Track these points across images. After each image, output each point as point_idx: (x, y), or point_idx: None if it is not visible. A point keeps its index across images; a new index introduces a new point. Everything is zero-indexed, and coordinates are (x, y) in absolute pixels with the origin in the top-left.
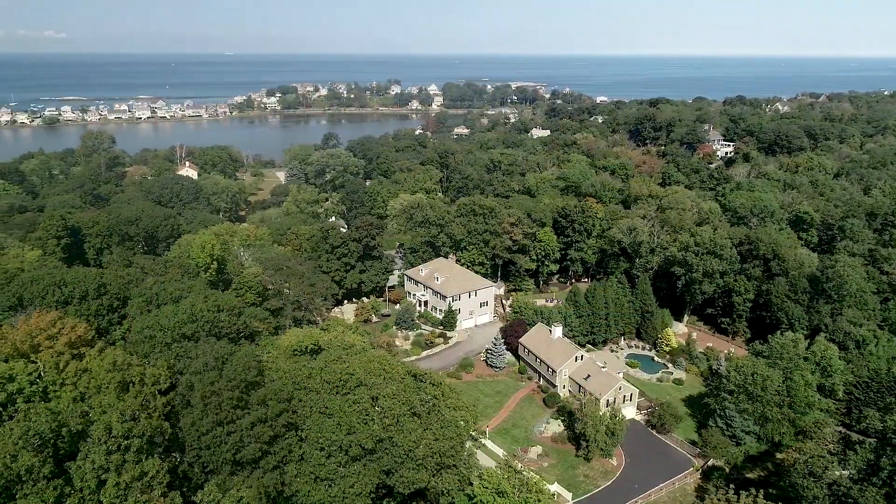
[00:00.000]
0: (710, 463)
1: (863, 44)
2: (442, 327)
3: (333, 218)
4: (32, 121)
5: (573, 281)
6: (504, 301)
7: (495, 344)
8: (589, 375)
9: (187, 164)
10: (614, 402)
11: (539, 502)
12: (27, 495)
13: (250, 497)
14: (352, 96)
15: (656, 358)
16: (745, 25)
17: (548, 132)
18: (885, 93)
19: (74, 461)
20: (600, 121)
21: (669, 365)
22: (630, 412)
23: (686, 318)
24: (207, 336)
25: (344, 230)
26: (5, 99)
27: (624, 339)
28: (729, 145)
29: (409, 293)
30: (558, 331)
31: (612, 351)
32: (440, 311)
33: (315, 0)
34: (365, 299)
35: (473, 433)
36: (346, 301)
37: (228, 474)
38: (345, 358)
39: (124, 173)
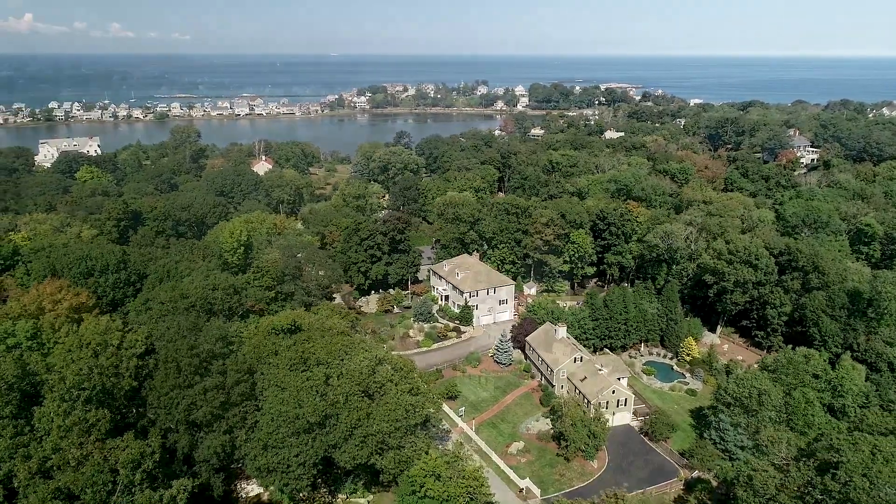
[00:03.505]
0: (695, 475)
1: None
2: (458, 322)
3: (382, 212)
4: (146, 116)
5: (611, 284)
6: (530, 301)
7: (502, 341)
8: (585, 377)
9: (264, 158)
10: (606, 405)
11: (475, 489)
12: None
13: (157, 446)
14: (438, 96)
15: (675, 367)
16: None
17: (621, 134)
18: None
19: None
20: (682, 124)
21: (687, 375)
22: (625, 417)
23: (720, 328)
24: (200, 311)
25: None
26: (126, 96)
27: (645, 346)
28: (816, 151)
29: (433, 287)
30: (562, 331)
31: (630, 357)
32: (458, 306)
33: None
34: (391, 291)
35: (431, 417)
36: (372, 291)
37: (183, 433)
38: (314, 338)
39: (206, 165)
